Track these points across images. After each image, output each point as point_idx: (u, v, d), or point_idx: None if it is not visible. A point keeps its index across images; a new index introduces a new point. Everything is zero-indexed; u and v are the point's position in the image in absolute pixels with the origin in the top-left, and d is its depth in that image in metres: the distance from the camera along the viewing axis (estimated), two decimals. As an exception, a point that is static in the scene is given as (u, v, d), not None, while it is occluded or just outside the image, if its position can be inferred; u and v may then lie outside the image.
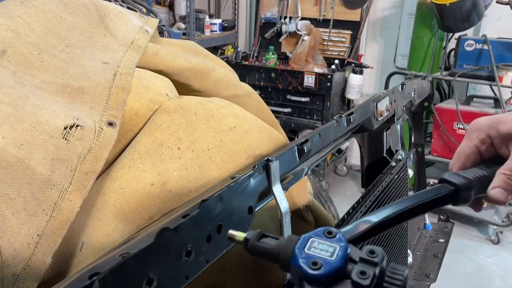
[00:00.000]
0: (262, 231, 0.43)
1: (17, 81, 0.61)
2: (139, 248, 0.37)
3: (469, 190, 0.55)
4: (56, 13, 0.75)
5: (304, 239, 0.40)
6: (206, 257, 0.45)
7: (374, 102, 0.95)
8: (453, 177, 0.56)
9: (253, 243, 0.41)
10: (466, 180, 0.55)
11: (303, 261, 0.38)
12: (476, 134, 0.62)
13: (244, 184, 0.52)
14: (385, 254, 0.38)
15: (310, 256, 0.38)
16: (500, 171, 0.56)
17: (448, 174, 0.57)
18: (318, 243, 0.39)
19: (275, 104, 3.36)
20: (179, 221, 0.41)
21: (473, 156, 0.62)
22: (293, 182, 0.75)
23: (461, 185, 0.55)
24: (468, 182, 0.55)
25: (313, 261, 0.37)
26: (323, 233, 0.40)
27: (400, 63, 3.38)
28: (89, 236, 0.55)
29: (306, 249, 0.39)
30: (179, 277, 0.42)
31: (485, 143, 0.61)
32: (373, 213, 0.52)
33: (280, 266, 0.40)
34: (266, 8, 3.78)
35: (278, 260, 0.40)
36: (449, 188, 0.55)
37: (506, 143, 0.60)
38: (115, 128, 0.60)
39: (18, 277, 0.46)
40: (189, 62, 0.85)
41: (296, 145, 0.65)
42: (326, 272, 0.37)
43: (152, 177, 0.59)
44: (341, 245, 0.39)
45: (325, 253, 0.38)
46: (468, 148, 0.62)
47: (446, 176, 0.56)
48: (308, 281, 0.37)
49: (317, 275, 0.37)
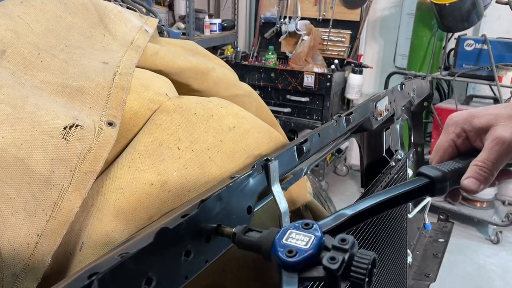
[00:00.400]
0: (248, 226, 0.46)
1: (17, 81, 0.61)
2: (138, 248, 0.37)
3: (444, 182, 0.58)
4: (55, 13, 0.75)
5: (284, 230, 0.44)
6: (205, 257, 0.45)
7: (373, 102, 0.95)
8: (429, 170, 0.59)
9: (240, 236, 0.45)
10: (441, 173, 0.58)
11: (281, 250, 0.42)
12: (452, 128, 0.65)
13: (243, 184, 0.52)
14: (356, 241, 0.41)
15: (287, 245, 0.42)
16: (473, 163, 0.59)
17: (424, 168, 0.60)
18: (296, 234, 0.43)
19: (274, 104, 3.37)
20: (178, 221, 0.41)
21: (449, 150, 0.65)
22: (293, 182, 0.75)
23: (436, 177, 0.58)
24: (442, 174, 0.58)
25: (289, 249, 0.41)
26: (301, 225, 0.44)
27: (399, 63, 3.38)
28: (88, 236, 0.55)
29: (284, 240, 0.43)
30: (178, 277, 0.42)
31: (460, 137, 0.64)
32: (351, 206, 0.54)
33: (263, 256, 0.44)
34: (265, 8, 3.78)
35: (261, 250, 0.44)
36: (425, 180, 0.58)
37: (480, 136, 0.62)
38: (114, 128, 0.60)
39: (18, 277, 0.46)
40: (188, 62, 0.85)
41: (295, 145, 0.65)
42: (300, 259, 0.41)
43: (151, 177, 0.59)
44: (316, 235, 0.42)
45: (300, 242, 0.42)
46: (445, 142, 0.65)
47: (422, 169, 0.60)
48: (285, 268, 0.41)
49: (292, 261, 0.41)
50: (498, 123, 0.60)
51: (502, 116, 0.60)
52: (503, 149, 0.58)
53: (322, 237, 0.42)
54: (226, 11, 4.07)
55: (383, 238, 0.98)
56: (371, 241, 0.90)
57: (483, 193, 3.05)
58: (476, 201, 3.06)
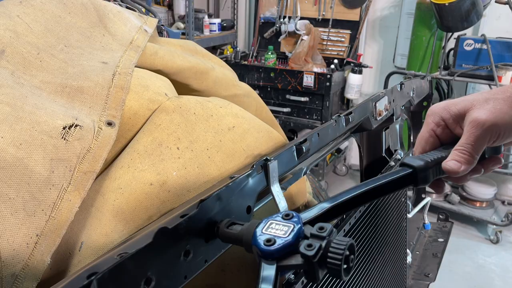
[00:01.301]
0: (231, 220, 0.47)
1: (16, 81, 0.61)
2: (137, 248, 0.37)
3: (426, 171, 0.58)
4: (55, 13, 0.75)
5: (264, 221, 0.45)
6: (204, 257, 0.45)
7: (372, 101, 0.95)
8: (411, 160, 0.59)
9: (222, 229, 0.46)
10: (423, 162, 0.58)
11: (260, 239, 0.42)
12: (431, 118, 0.65)
13: (242, 184, 0.52)
14: (335, 229, 0.42)
15: (266, 235, 0.43)
16: (454, 149, 0.60)
17: (407, 158, 0.60)
18: (276, 224, 0.44)
19: (274, 104, 3.36)
20: (177, 220, 0.41)
21: (431, 140, 0.65)
22: (292, 181, 0.75)
23: (418, 167, 0.58)
24: (424, 163, 0.58)
25: (267, 238, 0.42)
26: (281, 216, 0.45)
27: (399, 63, 3.38)
28: (88, 236, 0.55)
29: (264, 230, 0.43)
30: (177, 277, 0.42)
31: (440, 126, 0.64)
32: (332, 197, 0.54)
33: (245, 248, 0.44)
34: (265, 8, 3.78)
35: (242, 242, 0.44)
36: (407, 170, 0.58)
37: (458, 123, 0.63)
38: (114, 128, 0.60)
39: (17, 277, 0.46)
40: (188, 61, 0.85)
41: (294, 145, 0.65)
42: (277, 247, 0.41)
43: (151, 177, 0.59)
44: (295, 225, 0.43)
45: (280, 232, 0.43)
46: (426, 132, 0.65)
47: (405, 160, 0.60)
48: (264, 257, 0.42)
49: (269, 250, 0.41)
50: (474, 107, 0.60)
51: (478, 100, 0.60)
52: (480, 131, 0.58)
53: (301, 227, 0.43)
54: (225, 11, 4.07)
55: (382, 238, 0.98)
56: (370, 241, 0.90)
57: (483, 192, 3.05)
58: (476, 201, 3.06)
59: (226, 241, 0.46)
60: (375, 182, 0.57)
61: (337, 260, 0.40)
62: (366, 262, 0.89)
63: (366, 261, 0.89)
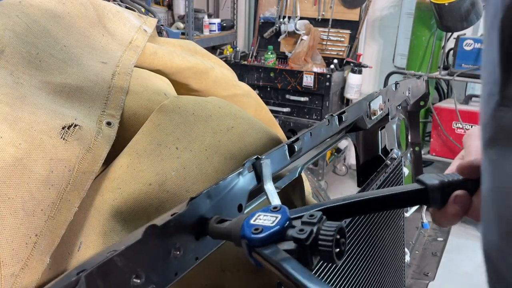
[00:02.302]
0: (220, 216, 0.48)
1: (15, 81, 0.61)
2: (126, 244, 0.37)
3: (440, 191, 0.53)
4: (54, 13, 0.75)
5: (252, 214, 0.46)
6: (195, 254, 0.46)
7: (366, 101, 0.95)
8: (426, 178, 0.54)
9: (212, 225, 0.47)
10: (438, 181, 0.53)
11: (248, 230, 0.43)
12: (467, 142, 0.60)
13: (233, 182, 0.53)
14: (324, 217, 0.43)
15: (254, 225, 0.44)
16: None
17: (423, 175, 0.55)
18: (263, 216, 0.45)
19: (274, 104, 3.36)
20: (166, 218, 0.42)
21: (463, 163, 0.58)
22: (287, 180, 0.75)
23: (431, 185, 0.53)
24: (439, 183, 0.53)
25: (255, 228, 0.43)
26: (269, 209, 0.46)
27: (399, 63, 3.39)
28: (87, 236, 0.55)
29: (252, 221, 0.45)
30: (167, 274, 0.42)
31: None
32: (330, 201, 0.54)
33: (234, 243, 0.45)
34: (265, 8, 3.78)
35: (232, 236, 0.45)
36: (418, 187, 0.54)
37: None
38: (113, 128, 0.60)
39: (17, 277, 0.46)
40: (187, 61, 0.85)
41: (286, 144, 0.66)
42: (265, 234, 0.43)
43: (150, 177, 0.59)
44: (282, 215, 0.44)
45: (267, 222, 0.44)
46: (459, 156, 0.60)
47: (420, 176, 0.55)
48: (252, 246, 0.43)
49: (257, 237, 0.42)
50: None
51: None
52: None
53: (288, 217, 0.44)
54: (225, 11, 4.07)
55: (379, 237, 0.98)
56: (367, 239, 0.90)
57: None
58: (475, 201, 3.06)
59: (216, 237, 0.47)
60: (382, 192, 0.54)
61: (328, 242, 0.41)
62: (364, 260, 0.89)
63: (363, 259, 0.89)
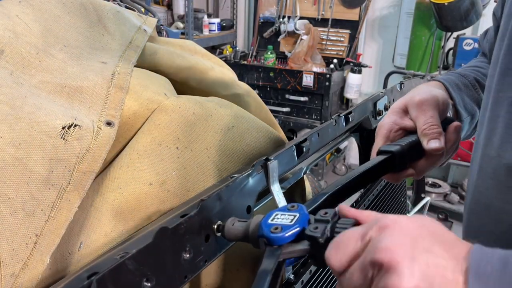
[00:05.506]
0: (236, 218, 0.48)
1: (15, 81, 0.61)
2: (137, 248, 0.37)
3: (404, 155, 0.61)
4: (54, 13, 0.75)
5: (270, 214, 0.45)
6: (204, 256, 0.45)
7: (372, 101, 0.95)
8: (387, 147, 0.62)
9: (228, 227, 0.47)
10: (399, 147, 0.62)
11: (267, 229, 0.43)
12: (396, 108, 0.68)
13: (242, 184, 0.52)
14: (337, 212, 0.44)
15: (273, 225, 0.44)
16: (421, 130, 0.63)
17: (383, 146, 0.63)
18: (281, 215, 0.45)
19: (273, 104, 3.36)
20: (177, 220, 0.41)
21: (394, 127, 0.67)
22: (292, 181, 0.75)
23: (396, 151, 0.61)
24: (401, 148, 0.61)
25: (274, 227, 0.43)
26: (287, 208, 0.46)
27: (398, 63, 3.39)
28: (87, 235, 0.55)
29: (269, 221, 0.44)
30: (177, 277, 0.42)
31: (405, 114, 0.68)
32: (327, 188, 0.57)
33: (252, 244, 0.45)
34: (264, 8, 3.78)
35: (249, 237, 0.45)
36: (386, 156, 0.61)
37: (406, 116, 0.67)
38: (113, 127, 0.60)
39: (17, 277, 0.46)
40: (187, 61, 0.85)
41: (294, 145, 0.65)
42: (284, 233, 0.42)
43: (150, 176, 0.59)
44: (300, 213, 0.44)
45: (286, 221, 0.44)
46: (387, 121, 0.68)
47: (381, 148, 0.63)
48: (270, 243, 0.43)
49: (276, 236, 0.42)
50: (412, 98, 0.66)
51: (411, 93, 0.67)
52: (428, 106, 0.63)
53: (307, 214, 0.44)
54: (225, 11, 4.07)
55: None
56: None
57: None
58: (475, 200, 3.06)
59: (232, 239, 0.47)
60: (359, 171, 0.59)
61: None
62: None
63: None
